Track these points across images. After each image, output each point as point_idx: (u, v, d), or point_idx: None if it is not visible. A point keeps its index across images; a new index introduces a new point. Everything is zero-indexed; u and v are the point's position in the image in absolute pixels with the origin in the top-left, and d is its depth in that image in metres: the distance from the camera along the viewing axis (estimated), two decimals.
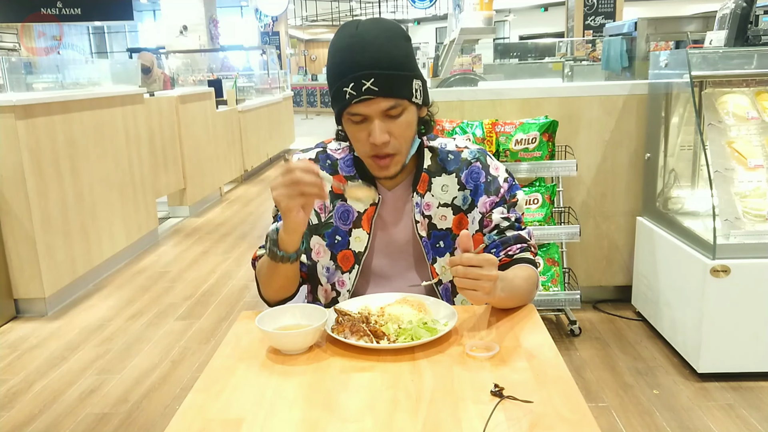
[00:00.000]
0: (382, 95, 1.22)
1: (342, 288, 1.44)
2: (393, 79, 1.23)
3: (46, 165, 3.59)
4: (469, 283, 1.13)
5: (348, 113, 1.26)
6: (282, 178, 1.16)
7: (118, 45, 18.96)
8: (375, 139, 1.25)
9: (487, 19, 3.80)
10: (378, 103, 1.23)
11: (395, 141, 1.28)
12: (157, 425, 2.44)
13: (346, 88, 1.22)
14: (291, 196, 1.16)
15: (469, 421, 0.93)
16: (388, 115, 1.25)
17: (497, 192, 1.40)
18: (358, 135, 1.28)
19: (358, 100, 1.22)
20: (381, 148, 1.27)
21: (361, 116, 1.25)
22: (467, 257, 1.13)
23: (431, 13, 17.68)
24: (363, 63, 1.21)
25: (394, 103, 1.24)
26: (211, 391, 1.05)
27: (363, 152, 1.32)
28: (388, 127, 1.26)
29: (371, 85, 1.21)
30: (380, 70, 1.21)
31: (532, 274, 1.36)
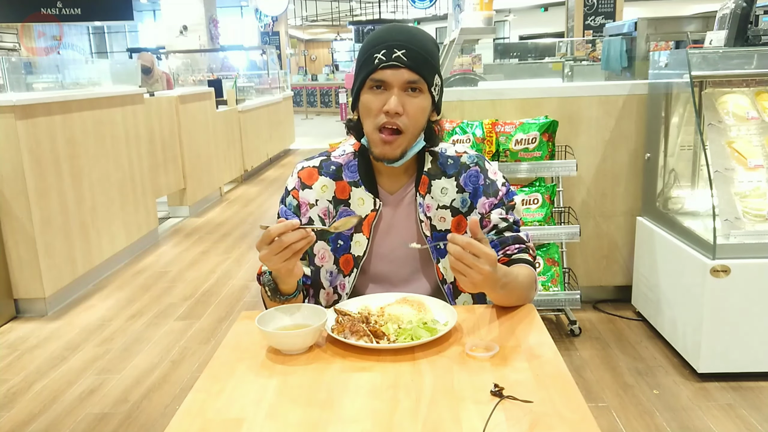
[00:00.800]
0: (409, 66, 1.29)
1: (343, 291, 1.45)
2: (422, 58, 1.30)
3: (46, 165, 3.59)
4: (460, 267, 1.14)
5: (372, 79, 1.30)
6: (267, 247, 1.18)
7: (118, 45, 18.96)
8: (390, 106, 1.29)
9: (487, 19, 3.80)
10: (403, 73, 1.29)
11: (406, 118, 1.31)
12: (157, 425, 2.44)
13: (377, 54, 1.29)
14: (283, 258, 1.19)
15: (469, 421, 0.93)
16: (407, 90, 1.30)
17: (496, 194, 1.43)
18: (374, 104, 1.31)
19: (386, 65, 1.29)
20: (392, 118, 1.30)
21: (383, 83, 1.30)
22: (469, 242, 1.14)
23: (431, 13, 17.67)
24: (398, 38, 1.30)
25: (416, 78, 1.30)
26: (211, 391, 1.05)
27: (373, 124, 1.33)
28: (404, 101, 1.30)
29: (402, 54, 1.29)
30: (413, 46, 1.30)
31: (531, 274, 1.37)
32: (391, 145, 1.32)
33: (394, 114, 1.29)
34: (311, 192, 1.44)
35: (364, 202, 1.42)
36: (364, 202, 1.42)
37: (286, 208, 1.46)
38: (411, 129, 1.32)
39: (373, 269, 1.45)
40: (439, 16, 17.60)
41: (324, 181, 1.44)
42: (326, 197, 1.44)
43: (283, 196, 1.48)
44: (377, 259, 1.44)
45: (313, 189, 1.44)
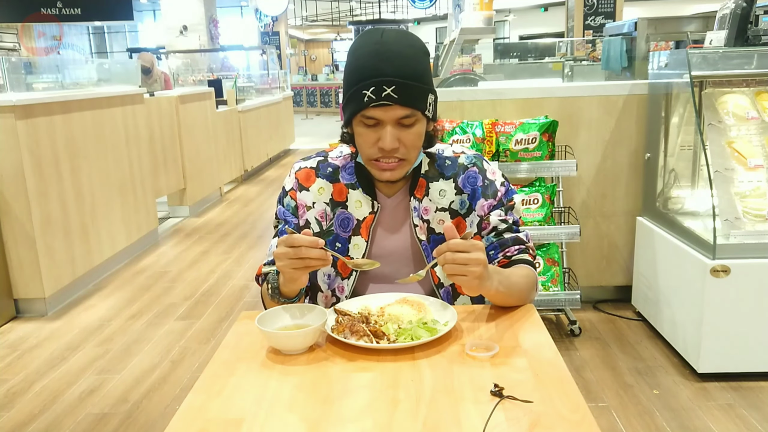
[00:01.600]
0: (400, 103, 1.25)
1: (341, 294, 1.45)
2: (412, 89, 1.26)
3: (46, 165, 3.59)
4: (458, 269, 1.14)
5: (362, 116, 1.28)
6: (286, 250, 1.18)
7: (118, 45, 18.96)
8: (385, 145, 1.27)
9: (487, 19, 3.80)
10: (395, 110, 1.25)
11: (404, 149, 1.30)
12: (157, 425, 2.44)
13: (366, 91, 1.24)
14: (296, 268, 1.19)
15: (469, 421, 0.93)
16: (401, 124, 1.28)
17: (494, 195, 1.42)
18: (368, 138, 1.30)
19: (376, 104, 1.25)
20: (389, 153, 1.29)
21: (375, 120, 1.27)
22: (453, 243, 1.14)
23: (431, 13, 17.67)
24: (386, 70, 1.24)
25: (409, 113, 1.27)
26: (211, 391, 1.05)
27: (368, 155, 1.32)
28: (399, 134, 1.28)
29: (392, 92, 1.24)
30: (402, 79, 1.24)
31: (531, 275, 1.37)
32: (393, 172, 1.33)
33: (390, 151, 1.28)
34: (308, 194, 1.44)
35: (362, 204, 1.41)
36: (361, 205, 1.41)
37: (284, 208, 1.46)
38: (410, 155, 1.32)
39: (371, 272, 1.44)
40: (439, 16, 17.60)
41: (321, 183, 1.44)
42: (323, 199, 1.43)
43: (280, 196, 1.47)
44: (376, 261, 1.44)
45: (310, 191, 1.44)
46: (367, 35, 1.31)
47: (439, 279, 1.43)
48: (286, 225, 1.43)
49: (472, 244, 1.15)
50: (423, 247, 1.41)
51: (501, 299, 1.32)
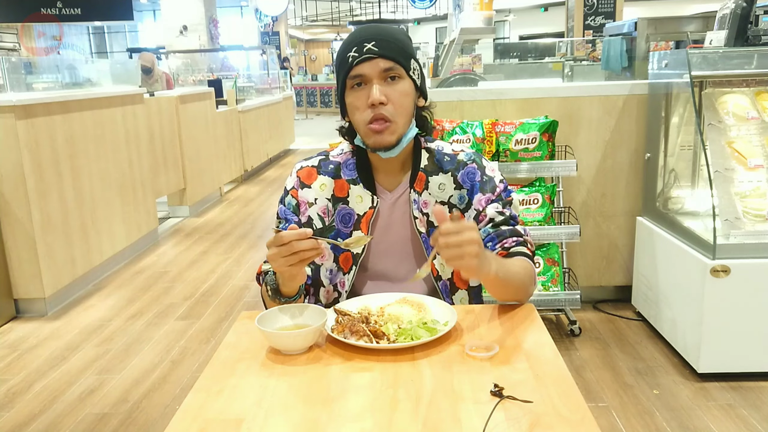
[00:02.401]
0: (381, 56, 1.31)
1: (342, 289, 1.46)
2: (393, 45, 1.33)
3: (46, 165, 3.59)
4: (453, 252, 1.12)
5: (350, 77, 1.33)
6: (278, 249, 1.17)
7: (118, 45, 18.96)
8: (373, 97, 1.30)
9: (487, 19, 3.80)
10: (377, 62, 1.31)
11: (391, 106, 1.32)
12: (157, 425, 2.44)
13: (350, 53, 1.32)
14: (292, 264, 1.19)
15: (469, 421, 0.93)
16: (386, 78, 1.32)
17: (493, 190, 1.43)
18: (358, 103, 1.33)
19: (359, 60, 1.31)
20: (378, 109, 1.31)
21: (362, 77, 1.32)
22: (445, 227, 1.13)
23: (431, 13, 17.68)
24: (366, 34, 1.34)
25: (391, 65, 1.32)
26: (211, 391, 1.05)
27: (362, 120, 1.34)
28: (386, 90, 1.32)
29: (372, 46, 1.31)
30: (381, 37, 1.33)
31: (529, 267, 1.36)
32: (383, 133, 1.33)
33: (378, 104, 1.31)
34: (310, 191, 1.45)
35: (363, 199, 1.42)
36: (362, 200, 1.42)
37: (285, 207, 1.47)
38: (398, 115, 1.33)
39: (372, 266, 1.45)
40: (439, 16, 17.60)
41: (323, 180, 1.45)
42: (325, 195, 1.44)
43: (282, 196, 1.49)
44: (376, 256, 1.45)
45: (312, 188, 1.45)
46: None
47: (437, 271, 1.44)
48: (286, 223, 1.44)
49: (463, 225, 1.13)
50: (423, 239, 1.42)
51: (500, 289, 1.30)
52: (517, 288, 1.32)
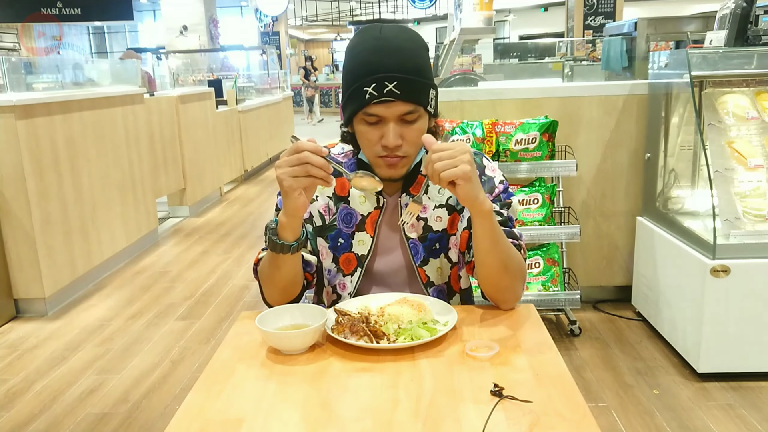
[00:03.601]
0: (402, 99, 1.23)
1: (343, 291, 1.44)
2: (414, 84, 1.25)
3: (46, 165, 3.59)
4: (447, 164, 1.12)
5: (364, 113, 1.27)
6: (289, 157, 1.15)
7: (118, 45, 18.95)
8: (389, 142, 1.26)
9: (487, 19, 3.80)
10: (397, 106, 1.24)
11: (406, 146, 1.29)
12: (157, 425, 2.44)
13: (368, 88, 1.23)
14: (296, 176, 1.15)
15: (469, 421, 0.93)
16: (403, 120, 1.27)
17: (491, 191, 1.40)
18: (370, 136, 1.29)
19: (378, 101, 1.23)
20: (392, 150, 1.28)
21: (377, 117, 1.26)
22: (435, 146, 1.14)
23: (431, 13, 17.67)
24: (388, 66, 1.23)
25: (412, 109, 1.26)
26: (211, 391, 1.05)
27: (372, 153, 1.32)
28: (402, 131, 1.27)
29: (393, 87, 1.22)
30: (404, 74, 1.23)
31: (522, 263, 1.34)
32: (395, 167, 1.32)
33: (394, 148, 1.27)
34: None
35: (365, 200, 1.41)
36: (365, 200, 1.41)
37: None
38: (412, 151, 1.32)
39: (376, 269, 1.44)
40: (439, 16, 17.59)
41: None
42: (326, 193, 1.43)
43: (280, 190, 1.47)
44: (381, 259, 1.43)
45: None
46: (365, 32, 1.30)
47: (428, 278, 1.42)
48: None
49: (454, 143, 1.14)
50: (410, 244, 1.40)
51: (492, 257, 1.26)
52: (506, 267, 1.27)
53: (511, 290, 1.32)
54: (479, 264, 1.30)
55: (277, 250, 1.26)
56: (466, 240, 1.40)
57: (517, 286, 1.33)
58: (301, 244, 1.27)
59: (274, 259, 1.29)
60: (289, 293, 1.36)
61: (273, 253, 1.27)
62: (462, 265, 1.45)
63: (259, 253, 1.41)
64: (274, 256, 1.27)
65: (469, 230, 1.40)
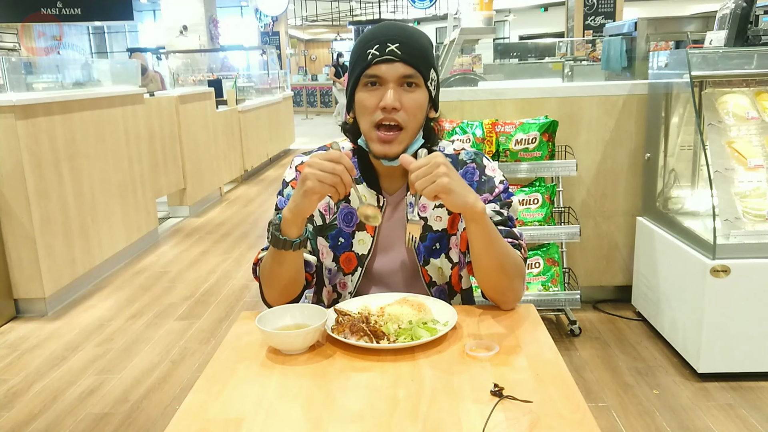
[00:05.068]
0: (403, 60, 1.27)
1: (344, 290, 1.44)
2: (416, 51, 1.28)
3: (46, 165, 3.59)
4: (426, 181, 1.14)
5: (366, 75, 1.28)
6: (326, 163, 1.17)
7: (118, 45, 18.95)
8: (387, 101, 1.27)
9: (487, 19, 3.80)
10: (397, 67, 1.27)
11: (404, 113, 1.29)
12: (157, 425, 2.44)
13: (371, 50, 1.27)
14: (323, 182, 1.17)
15: (469, 421, 0.93)
16: (403, 85, 1.28)
17: (491, 191, 1.40)
18: (369, 102, 1.29)
19: (380, 60, 1.26)
20: (390, 113, 1.28)
21: (378, 78, 1.28)
22: (412, 166, 1.16)
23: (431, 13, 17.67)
24: (391, 33, 1.29)
25: (412, 72, 1.28)
26: (211, 391, 1.05)
27: (370, 121, 1.30)
28: (401, 96, 1.28)
29: (395, 48, 1.26)
30: (406, 40, 1.28)
31: (520, 262, 1.34)
32: (391, 144, 1.30)
33: (391, 109, 1.27)
34: None
35: (366, 199, 1.41)
36: (366, 200, 1.41)
37: (285, 199, 1.44)
38: (410, 125, 1.30)
39: (377, 268, 1.44)
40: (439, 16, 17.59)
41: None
42: None
43: (281, 189, 1.46)
44: (382, 258, 1.43)
45: None
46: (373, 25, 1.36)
47: (430, 278, 1.43)
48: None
49: (429, 157, 1.17)
50: (415, 244, 1.41)
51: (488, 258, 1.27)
52: (503, 265, 1.28)
53: (510, 290, 1.32)
54: (476, 265, 1.31)
55: (279, 246, 1.26)
56: (467, 240, 1.40)
57: (517, 285, 1.32)
58: (303, 241, 1.28)
59: (276, 256, 1.29)
60: (289, 292, 1.36)
61: (275, 250, 1.27)
62: (463, 265, 1.45)
63: (259, 253, 1.41)
64: (276, 252, 1.27)
65: None
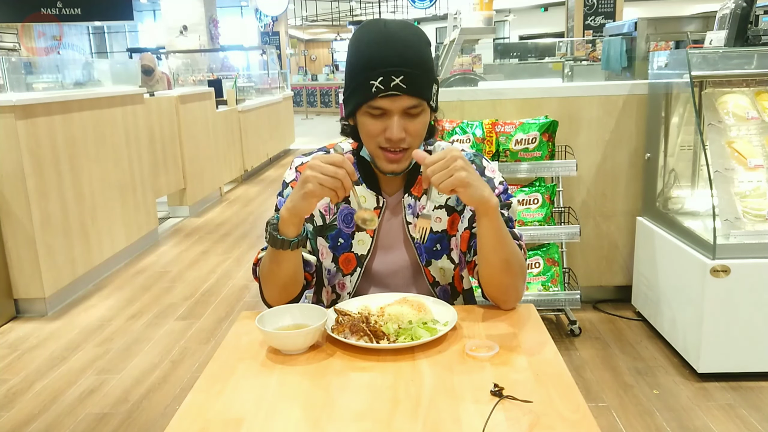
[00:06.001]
0: (408, 93, 1.25)
1: (342, 291, 1.44)
2: (420, 79, 1.26)
3: (46, 165, 3.59)
4: (444, 175, 1.15)
5: (369, 106, 1.27)
6: (328, 166, 1.17)
7: (118, 45, 18.95)
8: (392, 135, 1.26)
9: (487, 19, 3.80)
10: (402, 100, 1.25)
11: (410, 138, 1.29)
12: (157, 425, 2.44)
13: (374, 81, 1.24)
14: (323, 185, 1.17)
15: (469, 421, 0.93)
16: (407, 114, 1.28)
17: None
18: (373, 128, 1.29)
19: (384, 95, 1.24)
20: (396, 143, 1.28)
21: (382, 110, 1.27)
22: (427, 161, 1.16)
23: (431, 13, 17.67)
24: (393, 60, 1.23)
25: (417, 103, 1.27)
26: (211, 391, 1.05)
27: (374, 144, 1.31)
28: (405, 124, 1.28)
29: (400, 82, 1.23)
30: (410, 69, 1.24)
31: (522, 261, 1.34)
32: (399, 162, 1.32)
33: (397, 140, 1.27)
34: None
35: (366, 200, 1.41)
36: (365, 201, 1.41)
37: (284, 200, 1.43)
38: (415, 144, 1.32)
39: (375, 269, 1.44)
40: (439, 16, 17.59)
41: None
42: None
43: (281, 189, 1.46)
44: (381, 259, 1.43)
45: None
46: (369, 25, 1.31)
47: (434, 278, 1.43)
48: None
49: (444, 151, 1.16)
50: (416, 245, 1.41)
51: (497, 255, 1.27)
52: (508, 262, 1.28)
53: (513, 289, 1.32)
54: (483, 263, 1.31)
55: (277, 245, 1.26)
56: (467, 240, 1.40)
57: (519, 285, 1.33)
58: (301, 240, 1.28)
59: (274, 256, 1.29)
60: (289, 292, 1.36)
61: (273, 250, 1.28)
62: (463, 266, 1.45)
63: (259, 253, 1.41)
64: (275, 252, 1.28)
65: (471, 230, 1.40)
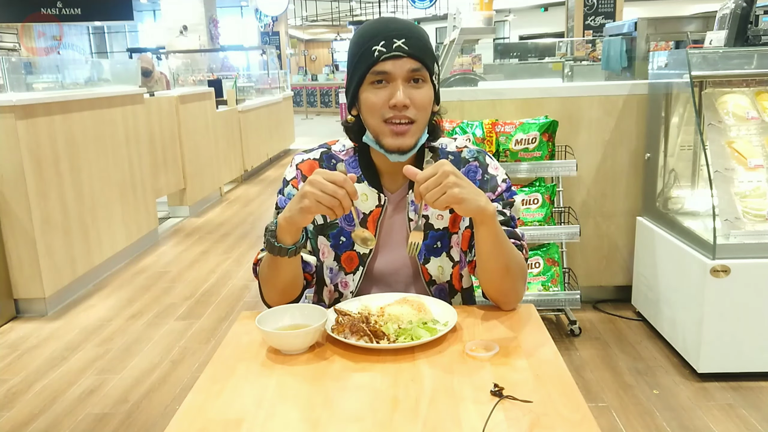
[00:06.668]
0: (410, 54, 1.26)
1: (345, 289, 1.44)
2: (422, 45, 1.28)
3: (46, 165, 3.59)
4: (436, 193, 1.13)
5: (373, 73, 1.27)
6: (329, 184, 1.16)
7: (118, 45, 18.95)
8: (397, 99, 1.25)
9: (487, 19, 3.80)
10: (405, 62, 1.26)
11: (414, 108, 1.28)
12: (157, 425, 2.44)
13: (376, 47, 1.25)
14: (321, 203, 1.17)
15: (469, 421, 0.93)
16: (411, 80, 1.28)
17: (494, 190, 1.39)
18: (377, 99, 1.28)
19: (387, 56, 1.25)
20: (400, 111, 1.27)
21: (385, 75, 1.26)
22: (420, 176, 1.15)
23: (431, 13, 17.67)
24: (395, 28, 1.27)
25: (419, 66, 1.27)
26: (211, 391, 1.05)
27: (379, 117, 1.29)
28: (410, 92, 1.27)
29: (402, 44, 1.25)
30: (411, 35, 1.27)
31: (523, 264, 1.34)
32: (404, 136, 1.29)
33: (402, 107, 1.26)
34: None
35: (368, 198, 1.40)
36: (367, 198, 1.40)
37: (285, 198, 1.43)
38: (420, 118, 1.30)
39: (378, 267, 1.43)
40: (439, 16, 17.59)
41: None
42: None
43: (281, 187, 1.45)
44: (383, 257, 1.43)
45: None
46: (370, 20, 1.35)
47: (430, 276, 1.42)
48: None
49: (434, 166, 1.15)
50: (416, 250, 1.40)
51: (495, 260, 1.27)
52: (508, 266, 1.28)
53: (513, 291, 1.32)
54: (481, 267, 1.31)
55: (275, 253, 1.26)
56: (468, 239, 1.40)
57: (519, 287, 1.33)
58: (299, 247, 1.28)
59: (272, 262, 1.29)
60: (288, 295, 1.36)
61: (271, 256, 1.28)
62: (464, 264, 1.45)
63: (259, 253, 1.41)
64: (273, 258, 1.28)
65: (472, 229, 1.40)
